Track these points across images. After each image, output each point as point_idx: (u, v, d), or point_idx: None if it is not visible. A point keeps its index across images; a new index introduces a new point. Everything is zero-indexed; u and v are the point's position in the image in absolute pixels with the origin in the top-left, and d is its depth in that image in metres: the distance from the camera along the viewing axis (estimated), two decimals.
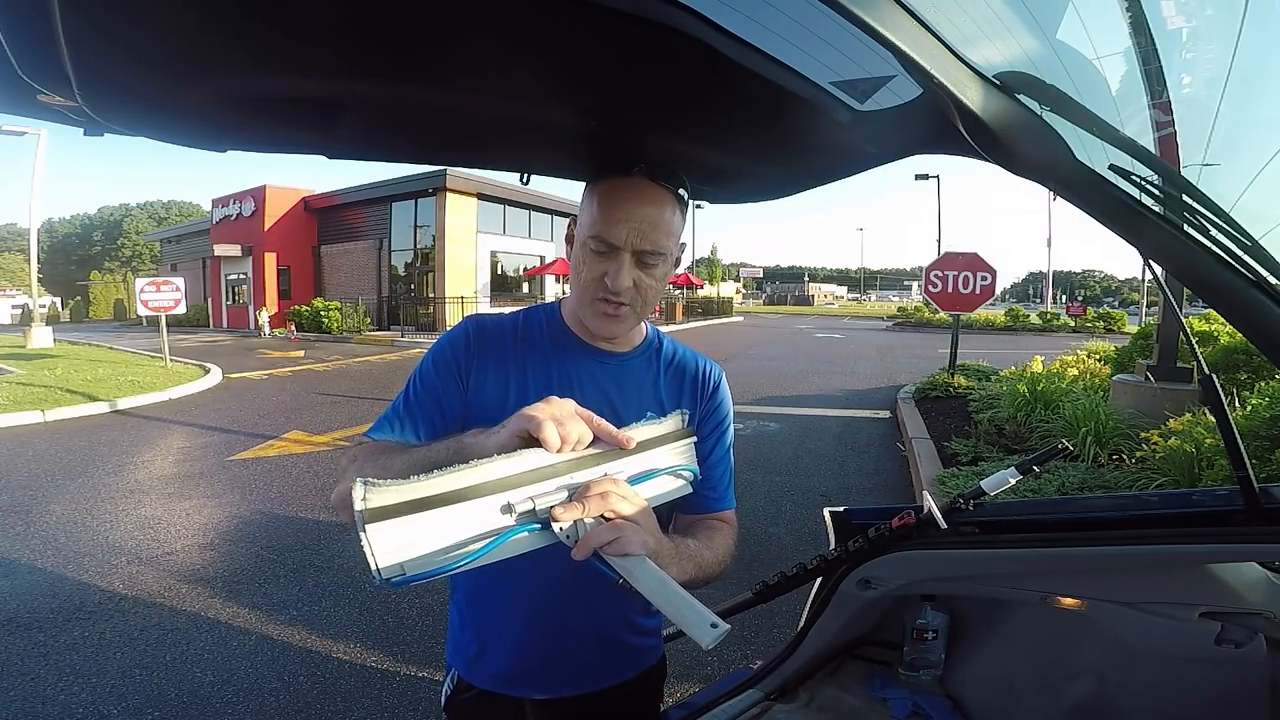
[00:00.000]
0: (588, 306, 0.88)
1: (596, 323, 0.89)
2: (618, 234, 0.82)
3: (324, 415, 7.61)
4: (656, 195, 0.84)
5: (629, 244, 0.83)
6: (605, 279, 0.84)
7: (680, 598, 0.58)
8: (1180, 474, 3.42)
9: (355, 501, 0.51)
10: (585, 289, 0.87)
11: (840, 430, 6.80)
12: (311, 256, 24.50)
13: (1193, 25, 0.80)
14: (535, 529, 0.60)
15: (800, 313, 46.03)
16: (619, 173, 0.84)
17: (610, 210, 0.83)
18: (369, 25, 0.56)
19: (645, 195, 0.84)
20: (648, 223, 0.83)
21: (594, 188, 0.87)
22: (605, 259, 0.84)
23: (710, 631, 0.54)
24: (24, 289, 42.28)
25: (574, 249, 0.90)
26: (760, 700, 1.07)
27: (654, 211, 0.84)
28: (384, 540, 0.51)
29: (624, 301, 0.86)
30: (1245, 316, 0.73)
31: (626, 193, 0.83)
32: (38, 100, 0.61)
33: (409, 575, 0.52)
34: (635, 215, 0.83)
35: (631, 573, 0.60)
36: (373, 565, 0.51)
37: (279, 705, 2.33)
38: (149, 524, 4.08)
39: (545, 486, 0.62)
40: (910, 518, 0.98)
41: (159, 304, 11.27)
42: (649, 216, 0.83)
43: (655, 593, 0.58)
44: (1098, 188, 0.71)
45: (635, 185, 0.84)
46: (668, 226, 0.85)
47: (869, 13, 0.48)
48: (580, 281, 0.88)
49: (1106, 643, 0.95)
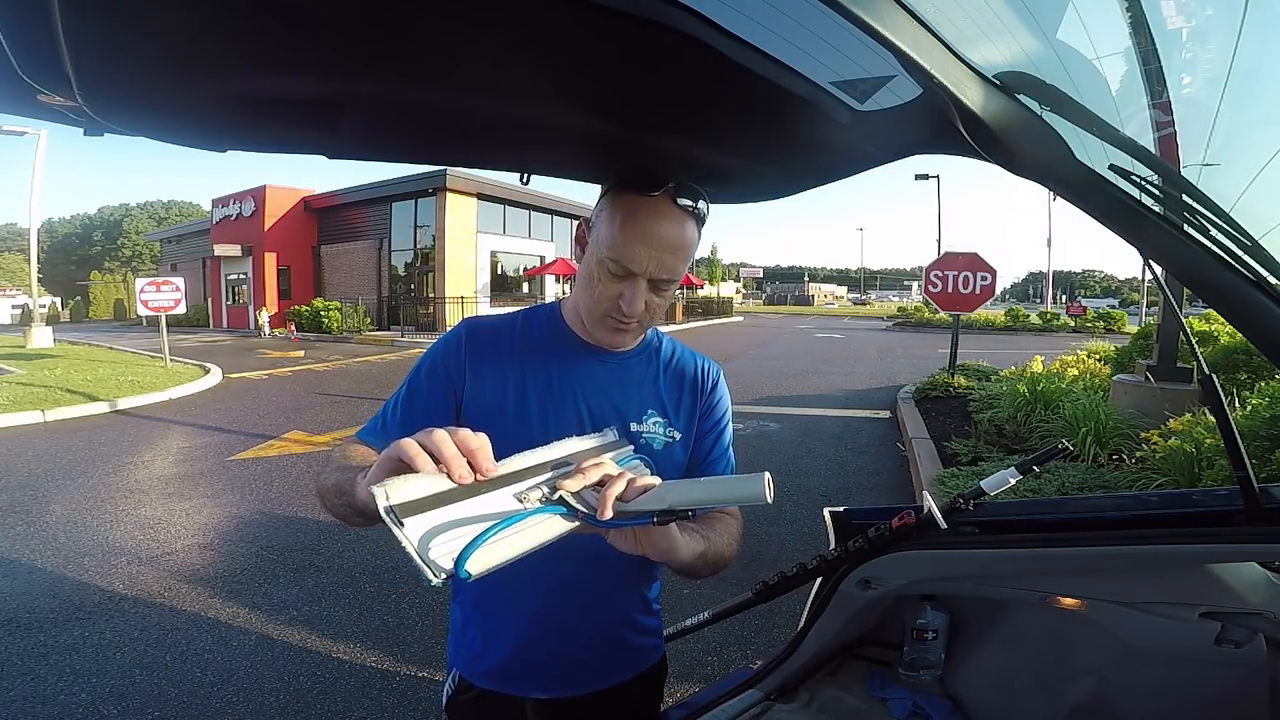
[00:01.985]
0: (598, 321, 0.89)
1: (604, 335, 0.90)
2: (638, 261, 0.82)
3: (324, 415, 7.61)
4: (679, 219, 0.83)
5: (647, 272, 0.83)
6: (620, 301, 0.84)
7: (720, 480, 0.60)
8: (1180, 474, 3.42)
9: (377, 501, 0.48)
10: (597, 305, 0.87)
11: (840, 430, 6.80)
12: (311, 256, 24.49)
13: (1193, 25, 0.80)
14: (561, 510, 0.59)
15: (800, 313, 46.03)
16: (641, 188, 0.82)
17: (631, 234, 0.81)
18: (369, 25, 0.56)
19: (668, 219, 0.82)
20: (668, 251, 0.82)
21: (615, 203, 0.84)
22: (621, 282, 0.84)
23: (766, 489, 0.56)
24: (24, 289, 42.30)
25: (586, 258, 0.88)
26: (760, 700, 1.07)
27: (676, 238, 0.83)
28: (422, 532, 0.49)
29: (636, 321, 0.87)
30: (1245, 316, 0.73)
31: (649, 217, 0.82)
32: (38, 100, 0.61)
33: (474, 575, 0.49)
34: (656, 242, 0.82)
35: (662, 498, 0.59)
36: (426, 573, 0.47)
37: (279, 705, 2.33)
38: (149, 524, 4.08)
39: (537, 479, 0.61)
40: (910, 518, 0.98)
41: (159, 304, 11.26)
42: (670, 244, 0.82)
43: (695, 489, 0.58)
44: (1098, 188, 0.71)
45: (658, 209, 0.82)
46: (686, 252, 0.85)
47: (869, 13, 0.48)
48: (593, 296, 0.87)
49: (1106, 643, 0.95)
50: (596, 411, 0.92)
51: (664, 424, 0.95)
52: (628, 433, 0.91)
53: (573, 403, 0.92)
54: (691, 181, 0.87)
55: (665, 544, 0.67)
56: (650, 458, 0.90)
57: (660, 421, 0.95)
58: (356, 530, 0.85)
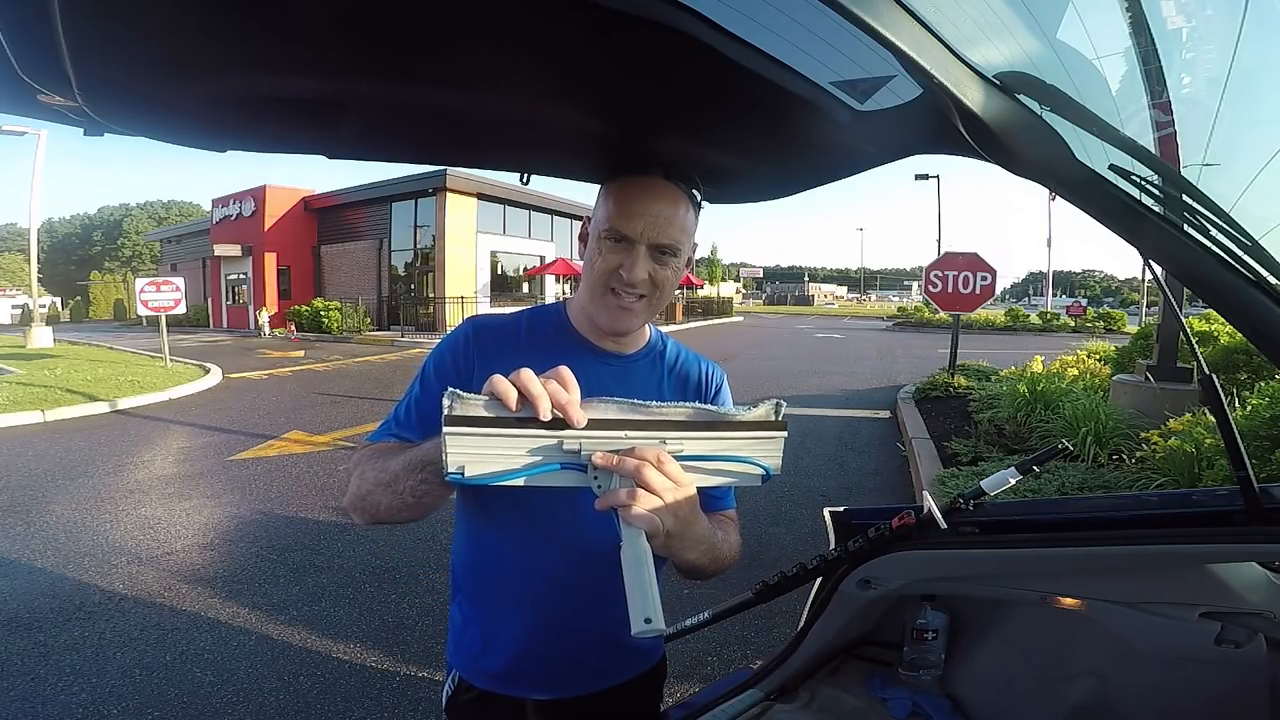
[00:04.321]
0: (599, 299, 0.88)
1: (607, 315, 0.89)
2: (634, 227, 0.84)
3: (324, 415, 7.61)
4: (671, 193, 0.86)
5: (645, 237, 0.84)
6: (620, 270, 0.85)
7: (641, 583, 0.60)
8: (1180, 474, 3.42)
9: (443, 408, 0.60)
10: (598, 279, 0.87)
11: (840, 430, 6.80)
12: (311, 256, 24.49)
13: (1193, 25, 0.80)
14: (573, 469, 0.65)
15: (800, 313, 46.03)
16: (634, 171, 0.86)
17: (626, 205, 0.84)
18: (369, 25, 0.56)
19: (661, 192, 0.85)
20: (663, 218, 0.85)
21: (609, 186, 0.88)
22: (621, 251, 0.85)
23: (642, 625, 0.58)
24: (24, 289, 42.28)
25: (589, 247, 0.90)
26: (760, 700, 1.07)
27: (669, 208, 0.85)
28: (457, 444, 0.61)
29: (640, 293, 0.87)
30: (1245, 316, 0.72)
31: (642, 189, 0.85)
32: (38, 100, 0.61)
33: (465, 477, 0.62)
34: (651, 210, 0.84)
35: (625, 540, 0.63)
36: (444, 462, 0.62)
37: (279, 705, 2.33)
38: (149, 524, 4.08)
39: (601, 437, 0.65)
40: (910, 518, 0.98)
41: (159, 304, 11.27)
42: (664, 212, 0.85)
43: (627, 566, 0.62)
44: (1098, 188, 0.71)
45: (650, 183, 0.85)
46: (682, 223, 0.87)
47: (869, 13, 0.48)
48: (593, 273, 0.87)
49: (1106, 643, 0.95)
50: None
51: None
52: None
53: None
54: (694, 179, 0.89)
55: (691, 516, 0.70)
56: None
57: None
58: (398, 523, 0.85)
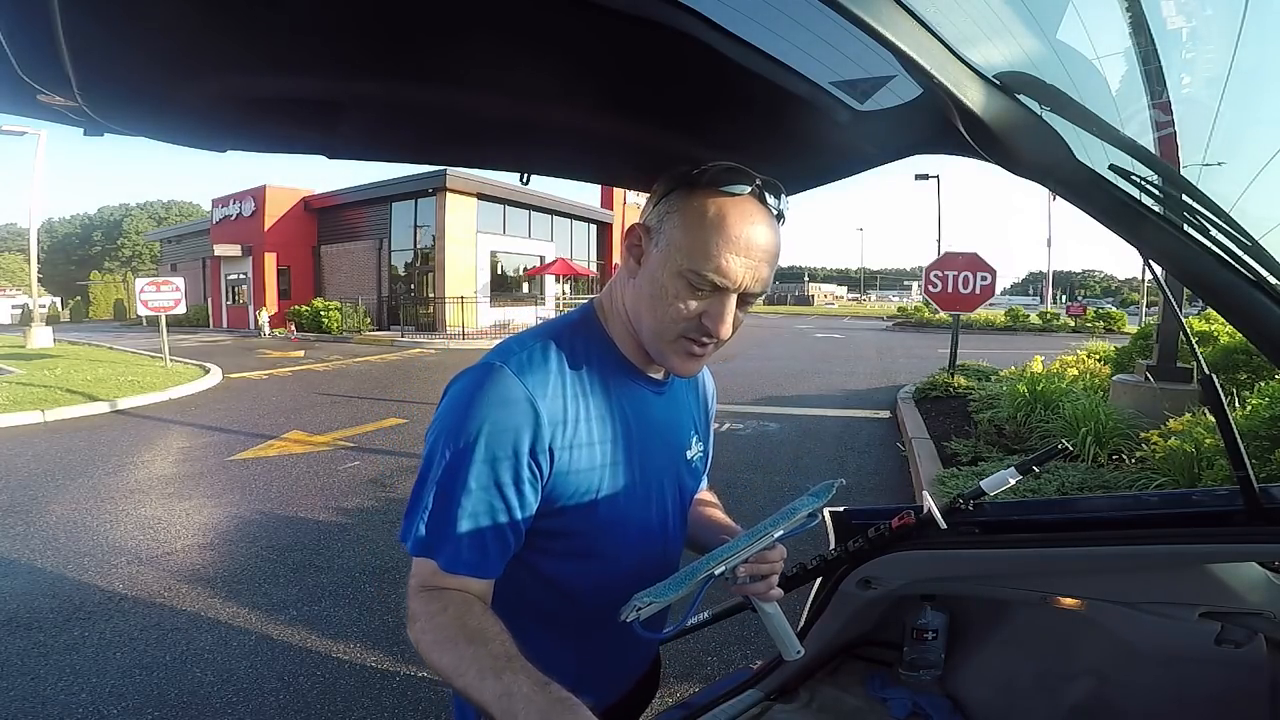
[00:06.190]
0: (670, 344, 0.75)
1: (679, 362, 0.77)
2: (733, 274, 0.69)
3: (324, 415, 7.61)
4: (770, 222, 0.72)
5: (742, 285, 0.70)
6: (703, 319, 0.72)
7: (786, 630, 0.86)
8: (1180, 474, 3.42)
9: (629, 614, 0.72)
10: (673, 325, 0.73)
11: (840, 430, 6.79)
12: (311, 256, 24.49)
13: (1193, 25, 0.80)
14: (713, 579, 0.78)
15: (800, 313, 46.00)
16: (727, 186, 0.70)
17: (724, 242, 0.69)
18: (369, 25, 0.56)
19: (761, 223, 0.71)
20: (765, 262, 0.71)
21: (692, 204, 0.71)
22: (706, 298, 0.71)
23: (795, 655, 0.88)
24: (24, 289, 42.29)
25: (653, 269, 0.74)
26: (760, 700, 1.07)
27: (771, 245, 0.72)
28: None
29: (718, 341, 0.75)
30: (1245, 316, 0.73)
31: (741, 222, 0.69)
32: (38, 100, 0.61)
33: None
34: (753, 251, 0.70)
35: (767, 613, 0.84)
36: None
37: (279, 705, 2.33)
38: (149, 524, 4.08)
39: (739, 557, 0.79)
40: (910, 518, 0.98)
41: (159, 304, 11.27)
42: (768, 253, 0.71)
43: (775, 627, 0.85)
44: (1098, 188, 0.71)
45: (748, 212, 0.70)
46: (777, 259, 0.73)
47: (869, 13, 0.48)
48: (666, 315, 0.73)
49: (1106, 643, 0.95)
50: (666, 448, 0.88)
51: (701, 443, 0.95)
52: (684, 462, 0.91)
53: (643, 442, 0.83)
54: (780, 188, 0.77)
55: None
56: (693, 480, 0.95)
57: (699, 441, 0.95)
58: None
